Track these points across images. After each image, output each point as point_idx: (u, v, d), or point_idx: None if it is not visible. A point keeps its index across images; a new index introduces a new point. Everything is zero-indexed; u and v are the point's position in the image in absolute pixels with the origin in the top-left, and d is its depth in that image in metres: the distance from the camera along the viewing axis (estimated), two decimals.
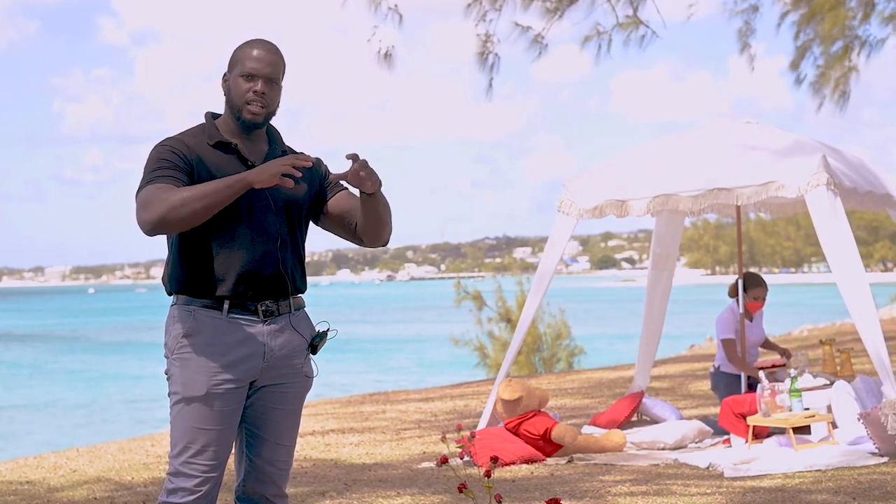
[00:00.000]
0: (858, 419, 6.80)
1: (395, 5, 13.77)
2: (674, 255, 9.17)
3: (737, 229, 8.66)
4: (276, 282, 3.42)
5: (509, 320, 22.34)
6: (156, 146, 3.39)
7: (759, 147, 7.60)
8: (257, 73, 3.38)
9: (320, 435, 9.05)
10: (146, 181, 3.29)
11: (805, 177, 7.13)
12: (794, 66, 16.00)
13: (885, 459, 6.57)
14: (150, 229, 3.21)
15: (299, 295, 3.53)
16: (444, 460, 3.78)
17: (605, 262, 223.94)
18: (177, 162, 3.32)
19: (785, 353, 8.27)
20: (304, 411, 3.62)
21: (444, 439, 4.02)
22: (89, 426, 23.12)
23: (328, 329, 3.56)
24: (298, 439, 8.40)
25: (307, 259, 3.66)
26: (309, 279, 3.63)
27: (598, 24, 14.49)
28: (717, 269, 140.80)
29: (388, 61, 14.05)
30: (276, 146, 3.53)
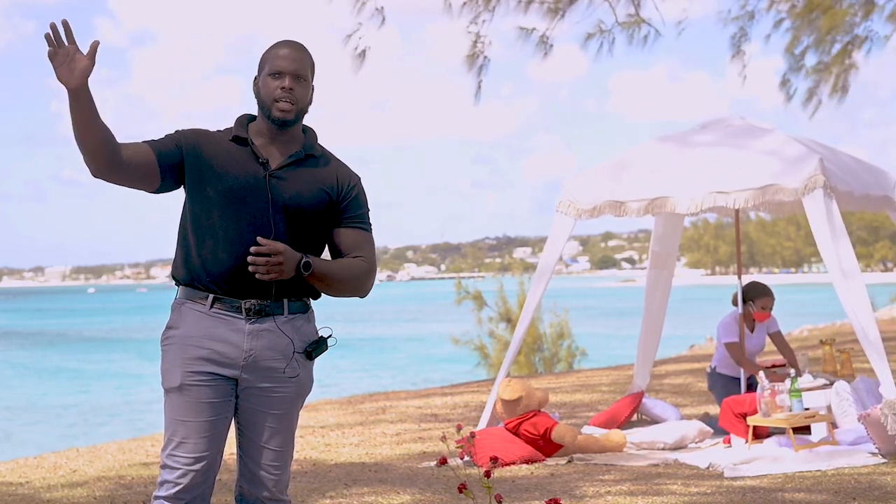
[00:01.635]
0: (858, 419, 6.80)
1: (381, 7, 13.75)
2: (673, 254, 9.17)
3: (735, 231, 8.65)
4: (260, 281, 3.35)
5: (509, 320, 22.32)
6: None
7: (757, 149, 7.60)
8: (284, 70, 3.40)
9: (320, 435, 9.05)
10: None
11: (802, 179, 7.13)
12: (783, 84, 16.00)
13: (885, 459, 6.58)
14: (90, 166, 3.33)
15: (305, 299, 3.48)
16: (443, 460, 3.78)
17: (605, 262, 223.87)
18: (174, 136, 3.44)
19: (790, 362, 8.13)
20: (304, 411, 3.60)
21: (444, 439, 4.01)
22: (89, 426, 23.11)
23: (329, 336, 3.51)
24: (299, 439, 8.42)
25: None
26: None
27: (601, 23, 14.43)
28: (717, 269, 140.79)
29: (361, 60, 13.99)
30: (303, 148, 3.49)
